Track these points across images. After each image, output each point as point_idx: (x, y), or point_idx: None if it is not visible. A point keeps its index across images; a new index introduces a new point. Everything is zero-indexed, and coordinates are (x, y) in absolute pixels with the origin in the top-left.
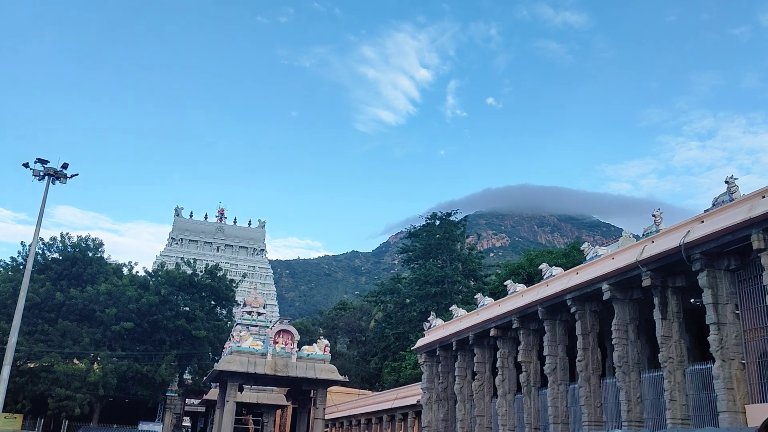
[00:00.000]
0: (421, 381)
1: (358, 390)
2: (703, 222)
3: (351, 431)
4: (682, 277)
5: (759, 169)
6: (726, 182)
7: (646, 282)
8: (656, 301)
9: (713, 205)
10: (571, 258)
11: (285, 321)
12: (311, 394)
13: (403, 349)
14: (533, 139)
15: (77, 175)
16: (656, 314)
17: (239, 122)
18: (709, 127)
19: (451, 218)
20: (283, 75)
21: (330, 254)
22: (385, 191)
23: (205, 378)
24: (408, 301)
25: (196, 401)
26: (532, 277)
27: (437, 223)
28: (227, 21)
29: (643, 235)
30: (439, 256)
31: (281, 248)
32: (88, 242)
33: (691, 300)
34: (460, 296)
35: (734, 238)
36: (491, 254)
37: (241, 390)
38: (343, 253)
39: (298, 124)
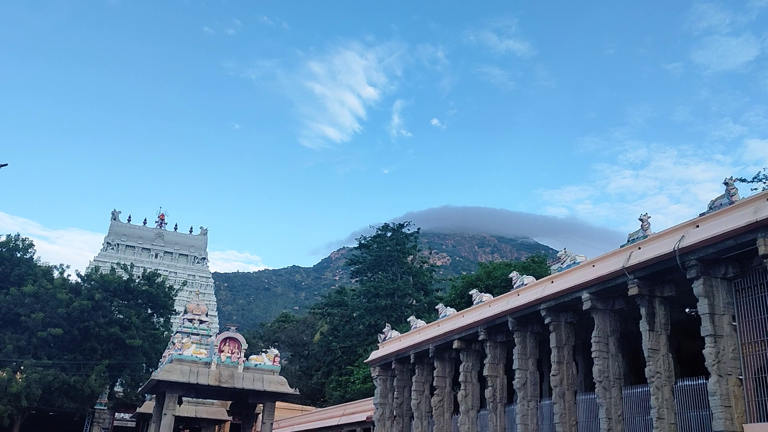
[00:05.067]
0: (371, 396)
1: (301, 406)
2: (698, 227)
3: None
4: (671, 286)
5: (688, 199)
6: (725, 183)
7: (633, 291)
8: (643, 311)
9: (710, 208)
10: (531, 271)
11: (232, 327)
12: (256, 409)
13: (350, 363)
14: (475, 161)
15: (6, 165)
16: (643, 325)
17: (180, 131)
18: (643, 157)
19: (404, 230)
20: (228, 86)
21: (270, 268)
22: (327, 208)
23: (140, 389)
24: (356, 314)
25: (127, 415)
26: (490, 289)
27: (389, 234)
28: (173, 29)
29: (629, 241)
30: (389, 269)
31: (219, 261)
32: (17, 242)
33: (686, 310)
34: (410, 309)
35: (736, 243)
36: (428, 274)
37: (179, 402)
38: (284, 268)
39: (242, 137)
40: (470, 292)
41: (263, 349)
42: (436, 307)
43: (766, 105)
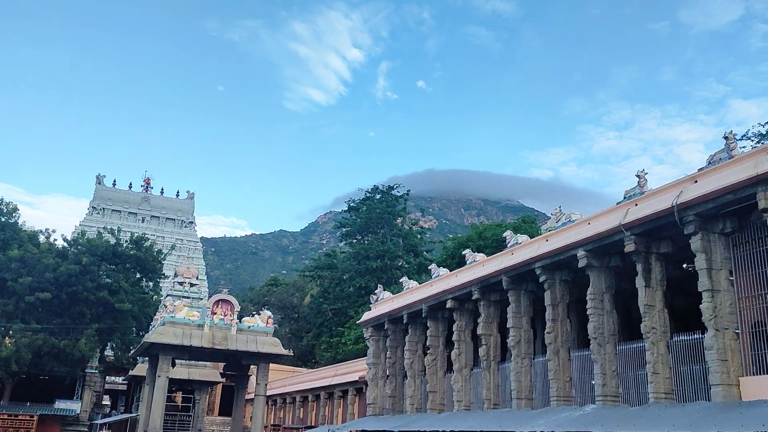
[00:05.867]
0: (363, 357)
1: (292, 367)
2: (696, 182)
3: (285, 409)
4: (668, 242)
5: (671, 160)
6: (725, 138)
7: (630, 247)
8: (639, 268)
9: (708, 163)
10: (522, 231)
11: (224, 290)
12: (249, 371)
13: (340, 324)
14: (461, 123)
15: None
16: (639, 282)
17: (164, 94)
18: (627, 118)
19: (393, 192)
20: (212, 48)
21: (257, 233)
22: (313, 171)
23: (132, 352)
24: (346, 276)
25: (118, 378)
26: (482, 250)
27: (378, 197)
28: None
29: (625, 197)
30: (379, 231)
31: (206, 225)
32: (1, 206)
33: (683, 265)
34: (400, 271)
35: (736, 197)
36: (418, 236)
37: (173, 365)
38: (271, 232)
39: (226, 100)
40: (463, 252)
41: (253, 312)
42: (429, 268)
43: (749, 65)
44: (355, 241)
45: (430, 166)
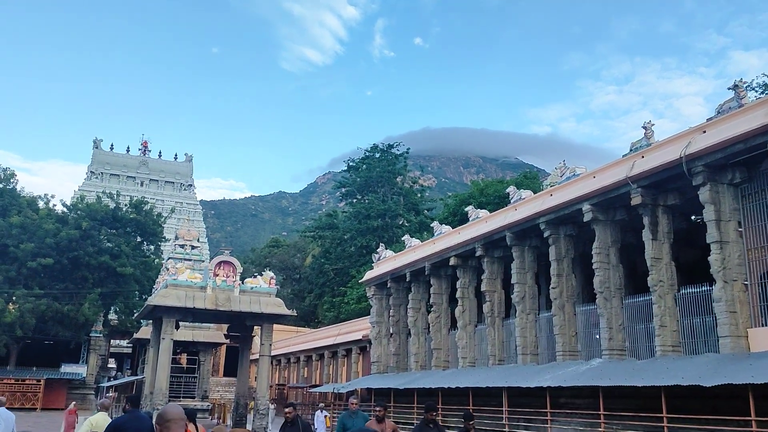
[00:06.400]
0: (365, 316)
1: (295, 327)
2: (705, 132)
3: (290, 369)
4: (675, 194)
5: (671, 114)
6: (735, 86)
7: (636, 200)
8: (646, 220)
9: (717, 112)
10: (524, 186)
11: (226, 251)
12: (252, 331)
13: (343, 284)
14: (460, 81)
15: None
16: (646, 235)
17: (159, 56)
18: (626, 72)
19: (393, 150)
20: (205, 6)
21: (256, 195)
22: (310, 132)
23: (135, 315)
24: (347, 235)
25: (123, 342)
26: (483, 206)
27: (377, 155)
28: None
29: (631, 150)
30: (379, 190)
31: (205, 188)
32: None
33: (692, 217)
34: (401, 230)
35: (746, 146)
36: (419, 195)
37: (177, 327)
38: (270, 194)
39: (221, 61)
40: (466, 209)
41: (255, 273)
42: (431, 225)
43: (750, 14)
44: (355, 200)
45: (427, 124)
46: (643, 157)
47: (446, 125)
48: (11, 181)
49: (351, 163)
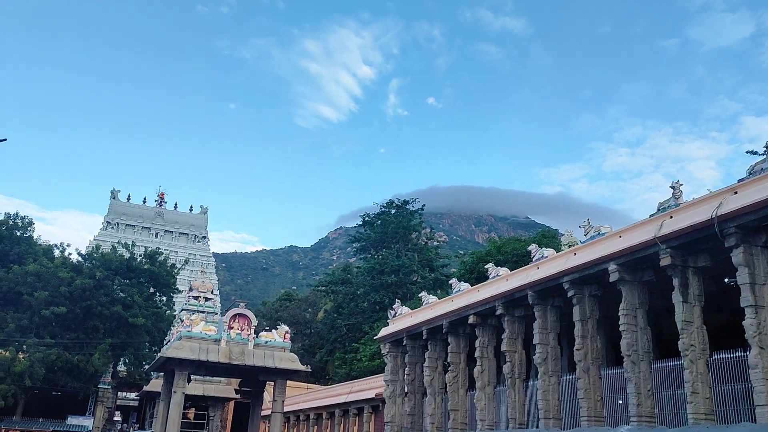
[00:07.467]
0: (379, 373)
1: (306, 384)
2: (737, 193)
3: (299, 427)
4: (705, 255)
5: (683, 176)
6: (766, 147)
7: (665, 261)
8: (676, 282)
9: (749, 174)
10: (543, 245)
11: (241, 304)
12: (264, 387)
13: (355, 340)
14: (471, 140)
15: (5, 140)
16: (676, 297)
17: (176, 111)
18: (638, 134)
19: (408, 207)
20: (223, 66)
21: (267, 248)
22: (323, 188)
23: (147, 367)
24: (361, 291)
25: (131, 394)
26: (501, 264)
27: (393, 211)
28: (166, 8)
29: (659, 210)
30: (394, 245)
31: (217, 241)
32: (17, 220)
33: (725, 280)
34: (415, 286)
35: None
36: (433, 251)
37: (189, 380)
38: (281, 248)
39: (238, 116)
40: (486, 267)
41: (266, 327)
42: (450, 282)
43: (761, 82)
44: (369, 255)
45: (435, 182)
46: (671, 217)
47: (455, 183)
48: (29, 229)
49: (366, 218)
